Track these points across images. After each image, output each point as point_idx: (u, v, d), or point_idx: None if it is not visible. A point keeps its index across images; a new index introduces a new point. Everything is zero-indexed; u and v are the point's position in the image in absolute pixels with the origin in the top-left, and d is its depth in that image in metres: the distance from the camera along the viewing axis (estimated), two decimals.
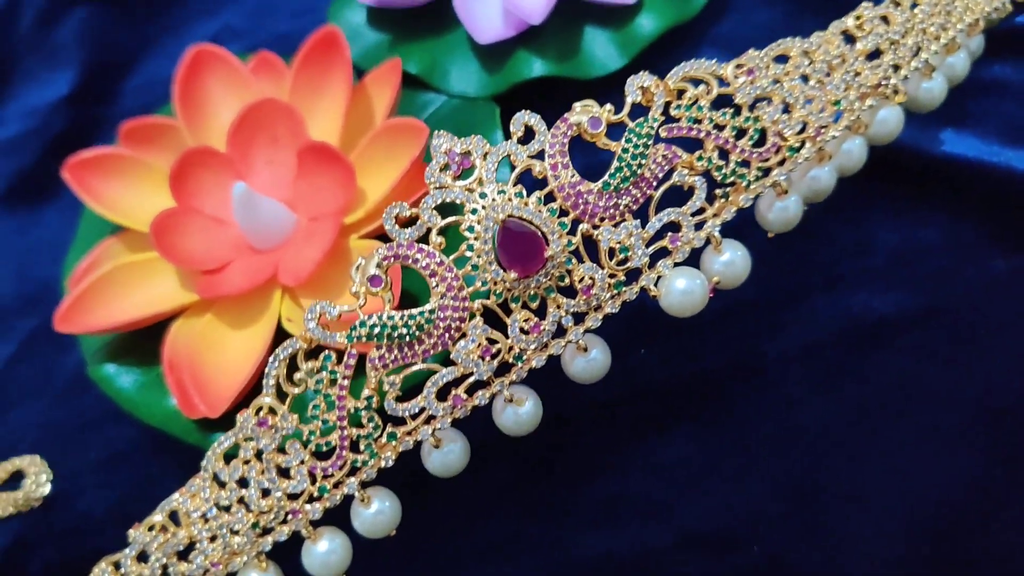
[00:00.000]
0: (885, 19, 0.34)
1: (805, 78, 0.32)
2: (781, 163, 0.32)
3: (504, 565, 0.35)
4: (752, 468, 0.35)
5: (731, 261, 0.31)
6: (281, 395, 0.30)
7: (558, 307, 0.30)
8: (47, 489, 0.41)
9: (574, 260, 0.30)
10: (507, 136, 0.35)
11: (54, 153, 0.50)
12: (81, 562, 0.32)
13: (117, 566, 0.32)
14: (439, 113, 0.42)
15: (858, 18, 0.34)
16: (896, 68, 0.34)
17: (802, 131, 0.32)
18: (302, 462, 0.30)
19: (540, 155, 0.30)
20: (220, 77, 0.41)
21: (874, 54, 0.34)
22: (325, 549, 0.31)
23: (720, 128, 0.31)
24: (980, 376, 0.34)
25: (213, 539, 0.31)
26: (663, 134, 0.30)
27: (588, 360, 0.31)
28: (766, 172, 0.31)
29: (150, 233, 0.37)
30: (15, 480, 0.41)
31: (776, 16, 0.43)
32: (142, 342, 0.38)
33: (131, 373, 0.38)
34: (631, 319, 0.35)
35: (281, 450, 0.30)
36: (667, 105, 0.30)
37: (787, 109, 0.31)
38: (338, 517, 0.31)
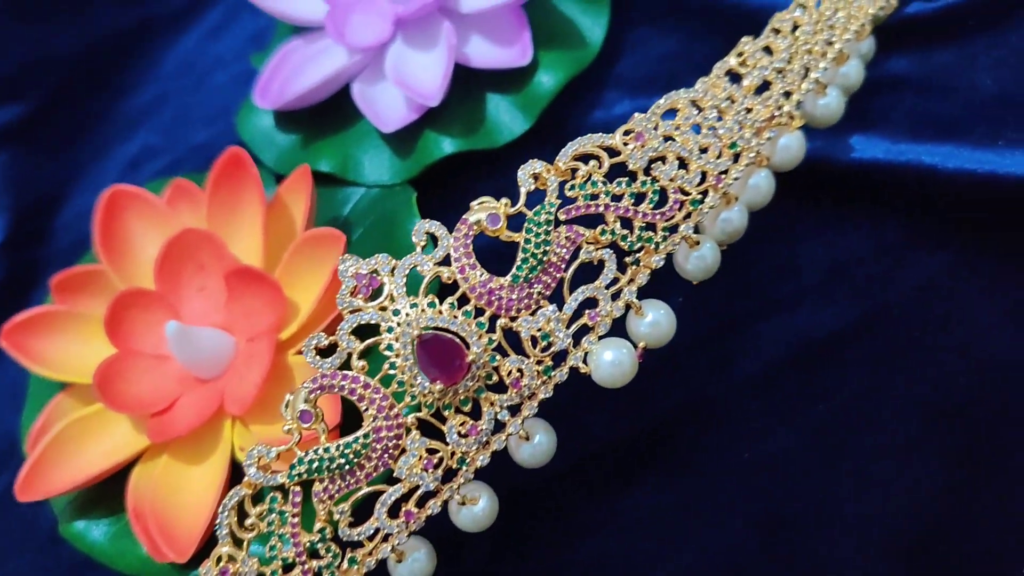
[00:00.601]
0: (768, 49, 0.34)
1: (697, 128, 0.32)
2: (687, 217, 0.32)
3: None
4: (724, 506, 0.35)
5: (655, 322, 0.32)
6: (238, 541, 0.30)
7: (491, 405, 0.30)
8: None
9: (498, 356, 0.30)
10: None
11: None
12: None
13: None
14: (360, 206, 0.42)
15: (740, 55, 0.34)
16: (787, 95, 0.34)
17: (702, 182, 0.32)
18: None
19: (447, 260, 0.30)
20: (137, 215, 0.41)
21: (763, 86, 0.34)
22: None
23: (618, 198, 0.31)
24: (928, 379, 0.34)
25: None
26: (562, 216, 0.30)
27: (533, 446, 0.31)
28: (674, 229, 0.32)
29: (94, 386, 0.37)
30: None
31: (672, 46, 0.43)
32: (108, 491, 0.38)
33: (101, 525, 0.38)
34: (576, 381, 0.35)
35: None
36: (562, 186, 0.30)
37: (683, 164, 0.32)
38: None
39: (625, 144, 0.31)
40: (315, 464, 0.29)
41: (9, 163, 0.53)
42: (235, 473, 0.36)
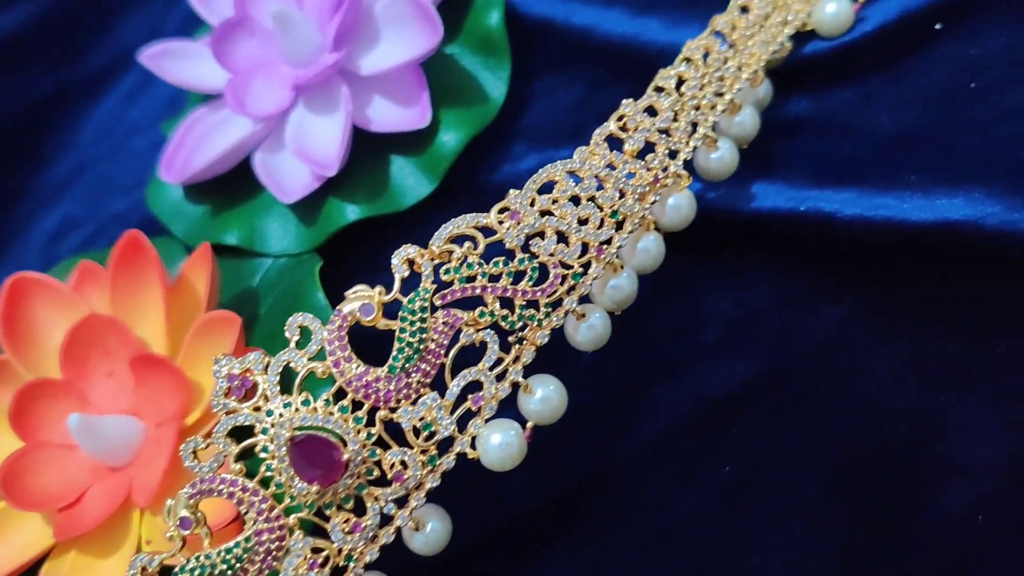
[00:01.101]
0: (651, 110, 0.34)
1: (575, 200, 0.32)
2: (571, 290, 0.31)
3: None
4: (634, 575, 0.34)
5: (545, 398, 0.31)
6: None
7: (375, 500, 0.30)
8: None
9: (379, 450, 0.30)
10: (328, 295, 0.35)
11: None
12: None
13: None
14: (268, 276, 0.42)
15: (621, 118, 0.33)
16: (673, 154, 0.34)
17: (584, 253, 0.31)
18: None
19: (321, 354, 0.30)
20: (42, 302, 0.40)
21: (647, 148, 0.33)
22: None
23: (496, 278, 0.30)
24: (832, 436, 0.34)
25: None
26: (439, 301, 0.30)
27: (426, 535, 0.31)
28: (557, 304, 0.31)
29: None
30: None
31: (579, 93, 0.43)
32: None
33: None
34: None
35: None
36: (437, 270, 0.30)
37: (563, 238, 0.31)
38: None
39: (500, 223, 0.31)
40: (196, 572, 0.29)
41: None
42: None
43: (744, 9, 0.38)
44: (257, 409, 0.29)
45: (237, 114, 0.42)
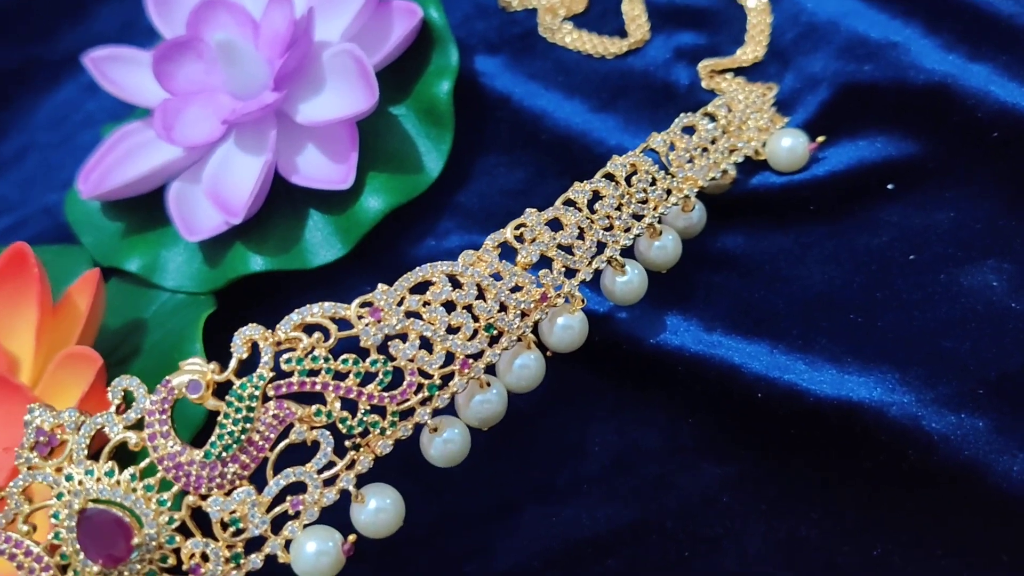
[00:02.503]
0: (555, 223, 0.31)
1: (450, 306, 0.29)
2: (425, 402, 0.29)
3: None
4: None
5: (380, 509, 0.29)
6: None
7: None
8: None
9: (179, 537, 0.27)
10: (219, 342, 0.33)
11: None
12: None
13: None
14: (163, 310, 0.40)
15: (519, 227, 0.31)
16: (571, 273, 0.31)
17: (447, 364, 0.29)
18: None
19: (140, 424, 0.27)
20: None
21: (543, 263, 0.31)
22: None
23: (342, 376, 0.28)
24: None
25: None
26: (271, 392, 0.27)
27: None
28: (408, 414, 0.29)
29: None
30: None
31: (518, 180, 0.41)
32: None
33: None
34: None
35: None
36: (278, 357, 0.28)
37: (427, 345, 0.29)
38: None
39: (360, 318, 0.28)
40: None
41: None
42: None
43: (689, 129, 0.35)
44: (59, 470, 0.27)
45: (163, 137, 0.40)
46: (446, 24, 0.41)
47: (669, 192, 0.34)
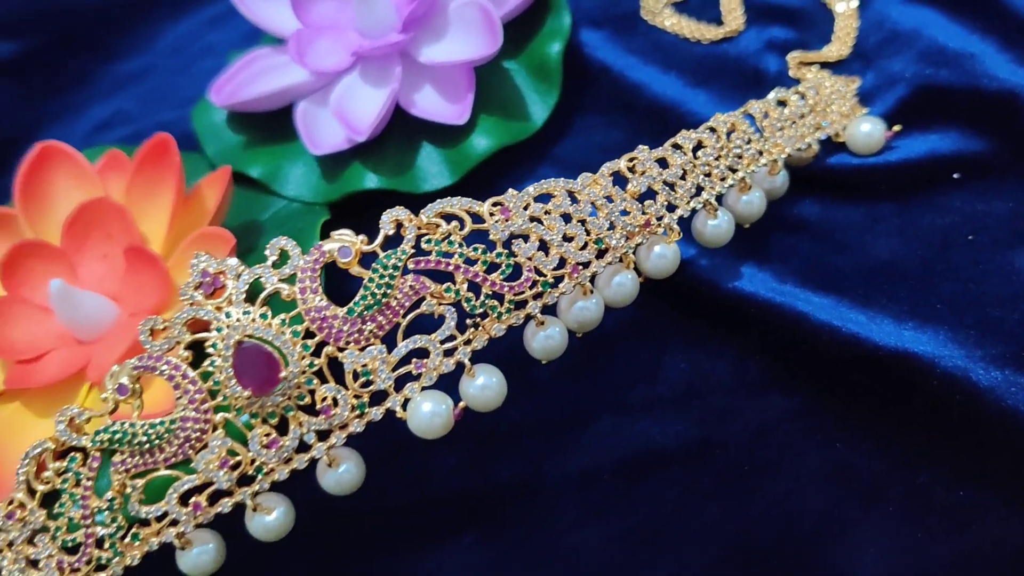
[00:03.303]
0: (663, 161, 0.35)
1: (567, 217, 0.33)
2: (537, 296, 0.33)
3: None
4: None
5: (485, 386, 0.33)
6: (32, 493, 0.31)
7: (300, 425, 0.31)
8: None
9: (316, 380, 0.31)
10: None
11: None
12: None
13: None
14: (279, 215, 0.44)
15: (631, 160, 0.35)
16: (671, 208, 0.35)
17: (560, 267, 0.33)
18: (50, 555, 0.31)
19: (291, 279, 0.31)
20: (65, 173, 0.43)
21: (648, 194, 0.35)
22: None
23: (471, 262, 0.32)
24: (740, 518, 0.35)
25: None
26: (412, 266, 0.31)
27: (338, 474, 0.32)
28: (520, 305, 0.33)
29: None
30: None
31: (615, 138, 0.45)
32: None
33: None
34: None
35: (31, 542, 0.31)
36: (419, 238, 0.32)
37: (544, 247, 0.33)
38: None
39: (491, 214, 0.32)
40: (118, 435, 0.30)
41: None
42: None
43: (782, 103, 0.39)
44: (219, 309, 0.31)
45: (295, 63, 0.44)
46: None
47: (761, 153, 0.38)
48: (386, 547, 0.37)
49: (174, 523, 0.32)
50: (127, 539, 0.31)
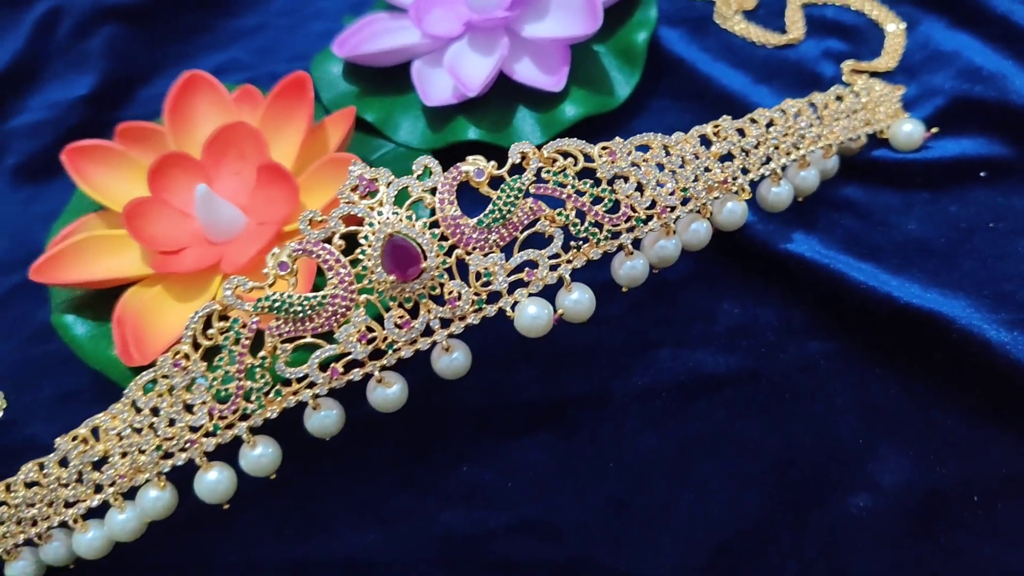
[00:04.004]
0: (741, 131, 0.42)
1: (660, 166, 0.40)
2: (630, 230, 0.39)
3: (372, 526, 0.41)
4: (587, 478, 0.41)
5: (578, 300, 0.39)
6: (196, 347, 0.37)
7: (429, 311, 0.37)
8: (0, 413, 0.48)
9: (446, 276, 0.37)
10: None
11: (65, 142, 0.58)
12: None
13: (41, 467, 0.38)
14: (386, 157, 0.50)
15: (716, 127, 0.41)
16: (744, 171, 0.42)
17: (651, 207, 0.39)
18: (204, 402, 0.37)
19: (433, 191, 0.38)
20: (207, 99, 0.49)
21: (727, 157, 0.41)
22: (214, 478, 0.38)
23: (580, 194, 0.38)
24: (779, 433, 0.41)
25: (124, 455, 0.38)
26: (532, 191, 0.38)
27: (451, 360, 0.38)
28: (615, 235, 0.39)
29: (122, 214, 0.44)
30: None
31: (683, 120, 0.51)
32: (100, 302, 0.46)
33: (86, 325, 0.45)
34: (514, 344, 0.43)
35: (189, 390, 0.37)
36: (540, 169, 0.38)
37: (640, 188, 0.39)
38: (230, 454, 0.38)
39: (600, 156, 0.39)
40: (276, 304, 0.36)
41: (114, 35, 0.62)
42: None
43: (839, 98, 0.46)
44: (372, 208, 0.37)
45: (414, 26, 0.51)
46: None
47: (819, 137, 0.45)
48: (463, 443, 0.43)
49: (311, 385, 0.37)
50: (270, 394, 0.37)
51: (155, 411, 0.37)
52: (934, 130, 0.48)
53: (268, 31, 0.62)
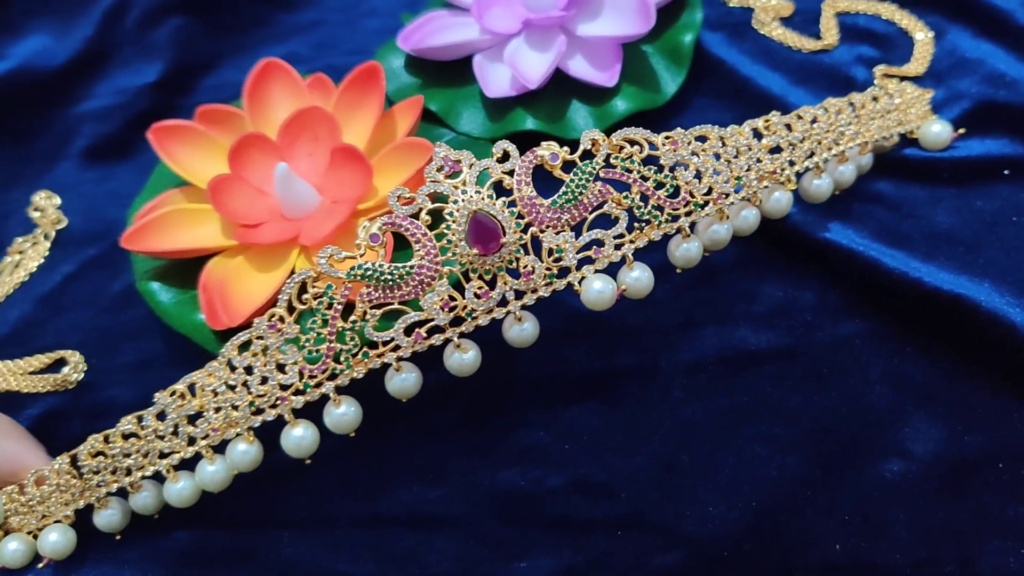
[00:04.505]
0: (789, 126, 0.46)
1: (717, 156, 0.43)
2: (688, 214, 0.43)
3: (436, 485, 0.45)
4: (636, 442, 0.45)
5: (638, 278, 0.42)
6: (291, 311, 0.41)
7: (505, 283, 0.41)
8: (80, 376, 0.51)
9: (522, 251, 0.41)
10: None
11: (133, 126, 0.62)
12: None
13: (140, 419, 0.42)
14: (448, 145, 0.54)
15: (767, 121, 0.45)
16: (791, 163, 0.46)
17: (708, 194, 0.43)
18: (295, 362, 0.41)
19: (511, 172, 0.41)
20: (282, 84, 0.52)
21: (776, 149, 0.45)
22: (299, 434, 0.41)
23: (645, 179, 0.42)
24: (816, 404, 0.45)
25: (218, 410, 0.41)
26: (602, 175, 0.41)
27: (522, 329, 0.42)
28: (675, 218, 0.43)
29: (207, 189, 0.48)
30: (57, 367, 0.52)
31: (726, 117, 0.55)
32: (182, 271, 0.49)
33: (170, 292, 0.48)
34: (569, 321, 0.46)
35: (281, 350, 0.41)
36: (608, 156, 0.42)
37: (699, 175, 0.43)
38: (313, 414, 0.42)
39: (663, 144, 0.42)
40: (368, 272, 0.40)
41: (182, 26, 0.65)
42: None
43: (875, 99, 0.50)
44: (456, 187, 0.41)
45: (475, 23, 0.54)
46: None
47: (857, 134, 0.48)
48: (521, 409, 0.47)
49: (396, 348, 0.41)
50: (358, 356, 0.41)
51: (249, 370, 0.41)
52: (961, 131, 0.52)
53: (325, 26, 0.65)
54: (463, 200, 0.40)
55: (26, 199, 0.60)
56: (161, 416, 0.42)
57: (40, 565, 0.43)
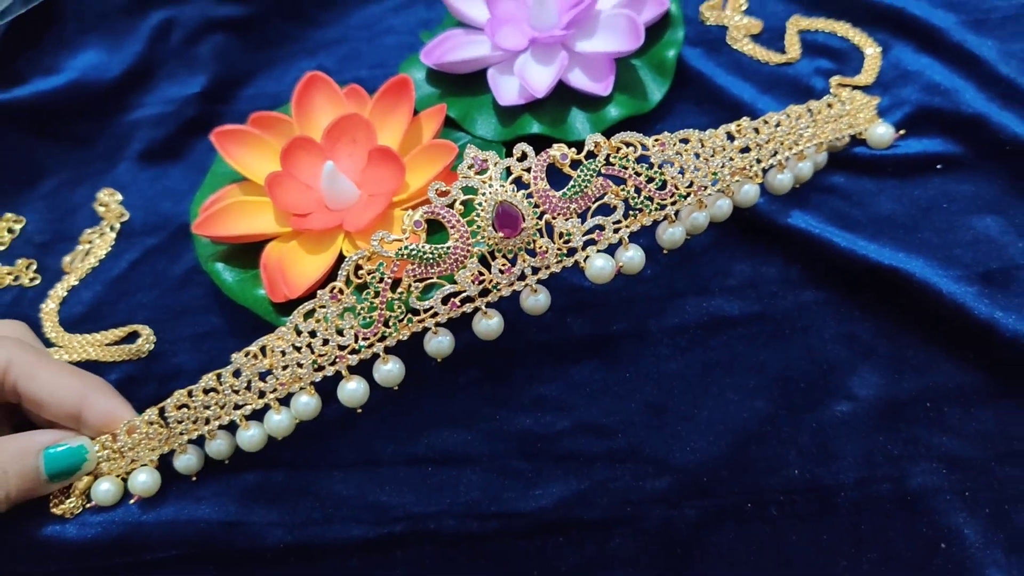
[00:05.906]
0: (757, 129, 0.55)
1: (697, 155, 0.53)
2: (673, 204, 0.52)
3: (462, 429, 0.51)
4: (629, 391, 0.50)
5: (632, 257, 0.51)
6: (348, 284, 0.50)
7: (523, 261, 0.50)
8: (151, 347, 0.60)
9: (538, 235, 0.50)
10: None
11: (182, 131, 0.70)
12: None
13: (219, 377, 0.50)
14: (463, 147, 0.63)
15: (738, 125, 0.54)
16: (759, 161, 0.55)
17: (689, 186, 0.52)
18: (351, 327, 0.50)
19: (529, 169, 0.50)
20: (324, 94, 0.61)
21: (745, 149, 0.54)
22: (353, 387, 0.50)
23: (638, 174, 0.51)
24: (781, 358, 0.53)
25: (285, 368, 0.50)
26: (603, 171, 0.50)
27: (536, 299, 0.51)
28: (662, 207, 0.52)
29: (265, 184, 0.56)
30: (131, 339, 0.60)
31: (704, 121, 0.64)
32: (241, 254, 0.58)
33: (233, 272, 0.57)
34: (572, 295, 0.55)
35: (340, 317, 0.50)
36: (608, 155, 0.51)
37: (682, 171, 0.52)
38: (364, 371, 0.50)
39: (653, 146, 0.52)
40: (413, 252, 0.49)
41: (223, 42, 0.73)
42: (338, 266, 0.55)
43: (830, 105, 0.60)
44: (484, 182, 0.50)
45: (488, 40, 0.63)
46: (680, 13, 0.65)
47: (814, 136, 0.58)
48: (532, 367, 0.55)
49: (434, 315, 0.50)
50: (404, 321, 0.50)
51: (312, 333, 0.49)
52: (902, 132, 0.61)
53: (349, 42, 0.74)
54: (489, 192, 0.49)
55: (91, 196, 0.68)
56: (236, 373, 0.50)
57: (131, 501, 0.51)
